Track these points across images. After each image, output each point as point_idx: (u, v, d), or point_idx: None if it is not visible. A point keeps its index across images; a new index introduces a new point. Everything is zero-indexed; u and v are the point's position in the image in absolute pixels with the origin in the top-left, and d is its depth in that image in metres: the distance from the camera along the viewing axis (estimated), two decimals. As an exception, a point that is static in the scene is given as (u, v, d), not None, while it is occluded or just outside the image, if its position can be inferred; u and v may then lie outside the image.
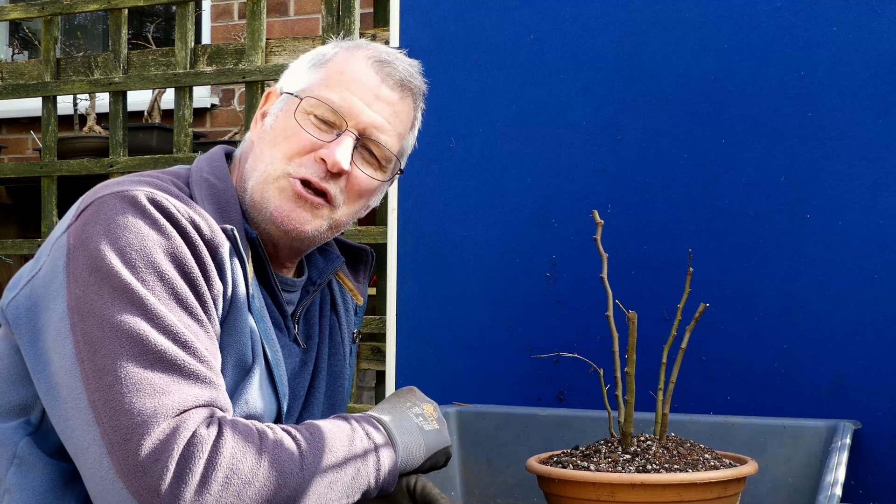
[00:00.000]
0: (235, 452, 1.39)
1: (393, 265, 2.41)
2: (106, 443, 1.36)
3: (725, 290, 2.13)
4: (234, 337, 1.54)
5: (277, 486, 1.40)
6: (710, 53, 2.17)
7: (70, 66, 4.18)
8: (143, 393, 1.37)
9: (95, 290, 1.42)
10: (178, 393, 1.39)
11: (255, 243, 1.62)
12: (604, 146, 2.24)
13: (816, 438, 1.95)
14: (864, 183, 2.07)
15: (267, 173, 1.64)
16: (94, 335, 1.40)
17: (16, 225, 5.13)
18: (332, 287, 1.83)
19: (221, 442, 1.38)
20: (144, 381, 1.38)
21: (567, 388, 2.24)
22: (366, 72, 1.68)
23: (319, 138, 1.64)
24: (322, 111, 1.65)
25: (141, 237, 1.45)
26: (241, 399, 1.53)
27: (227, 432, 1.39)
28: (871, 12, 2.07)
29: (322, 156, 1.63)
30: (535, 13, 2.30)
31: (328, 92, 1.66)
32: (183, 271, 1.47)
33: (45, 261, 1.51)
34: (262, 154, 1.66)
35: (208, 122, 5.47)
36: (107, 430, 1.36)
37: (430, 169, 2.37)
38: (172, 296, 1.44)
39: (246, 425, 1.43)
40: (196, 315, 1.46)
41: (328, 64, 1.70)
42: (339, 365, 1.81)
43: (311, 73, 1.70)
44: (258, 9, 3.74)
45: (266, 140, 1.67)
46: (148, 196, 1.49)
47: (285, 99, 1.69)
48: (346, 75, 1.68)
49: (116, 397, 1.37)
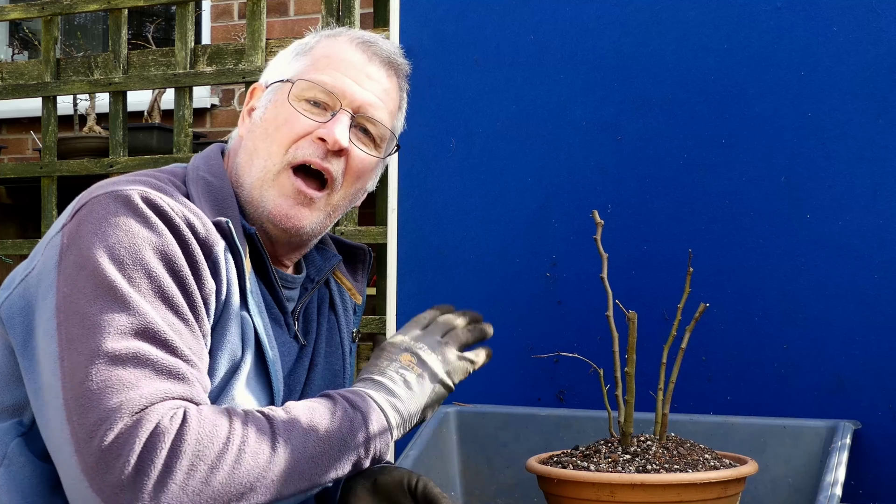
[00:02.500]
0: (201, 438, 1.37)
1: (393, 265, 2.41)
2: (74, 441, 1.35)
3: (725, 290, 2.13)
4: (228, 334, 1.53)
5: (249, 468, 1.39)
6: (710, 53, 2.17)
7: (70, 66, 4.18)
8: (112, 389, 1.36)
9: (81, 289, 1.42)
10: (146, 387, 1.37)
11: (254, 239, 1.62)
12: (604, 146, 2.24)
13: (816, 438, 1.95)
14: (864, 183, 2.07)
15: (266, 169, 1.64)
16: (75, 333, 1.40)
17: (16, 225, 5.13)
18: (330, 286, 1.83)
19: (185, 429, 1.36)
20: (115, 377, 1.37)
21: (567, 388, 2.24)
22: (352, 52, 1.69)
23: (315, 119, 1.64)
24: (314, 93, 1.65)
25: (131, 235, 1.45)
26: (232, 395, 1.52)
27: (191, 420, 1.38)
28: (871, 12, 2.07)
29: (320, 135, 1.63)
30: (535, 13, 2.30)
31: (318, 74, 1.67)
32: (172, 269, 1.46)
33: (38, 260, 1.51)
34: (255, 148, 1.66)
35: (208, 123, 5.46)
36: (76, 428, 1.36)
37: (430, 169, 2.37)
38: (158, 293, 1.44)
39: (214, 412, 1.42)
40: (181, 314, 1.45)
41: (312, 51, 1.71)
42: (337, 364, 1.81)
43: (296, 61, 1.71)
44: (258, 9, 3.74)
45: (257, 133, 1.67)
46: (142, 195, 1.49)
47: (274, 88, 1.69)
48: (333, 58, 1.68)
49: (86, 394, 1.36)
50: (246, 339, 1.56)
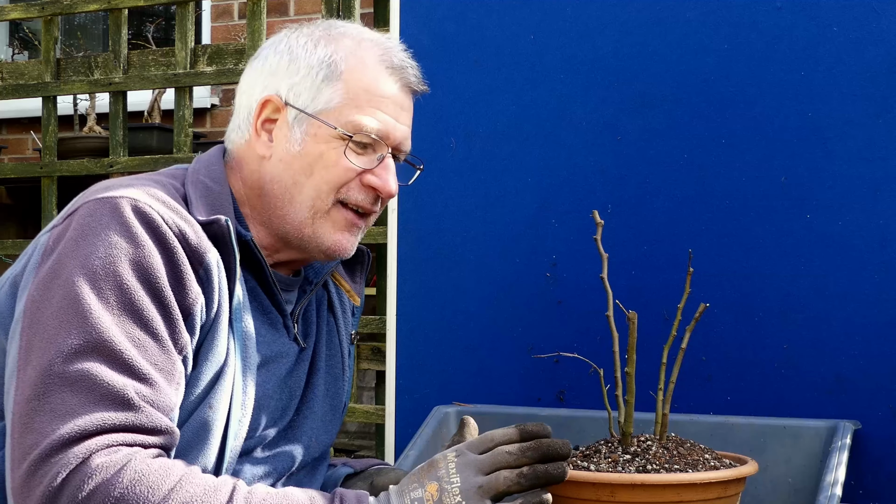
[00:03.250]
0: (133, 488, 1.30)
1: (393, 265, 2.41)
2: (10, 459, 1.34)
3: (725, 290, 2.13)
4: (218, 342, 1.51)
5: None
6: (710, 53, 2.17)
7: (70, 66, 4.18)
8: (53, 413, 1.33)
9: (48, 297, 1.40)
10: (87, 416, 1.33)
11: (251, 245, 1.61)
12: (604, 146, 2.24)
13: (816, 438, 1.95)
14: (864, 183, 2.07)
15: (316, 208, 1.62)
16: (34, 343, 1.38)
17: (16, 225, 5.13)
18: (328, 288, 1.83)
19: (119, 476, 1.31)
20: (59, 399, 1.34)
21: (567, 388, 2.24)
22: (386, 82, 1.65)
23: (364, 166, 1.63)
24: (361, 138, 1.63)
25: (108, 245, 1.43)
26: (210, 402, 1.50)
27: (129, 467, 1.32)
28: (871, 12, 2.07)
29: (373, 185, 1.63)
30: (535, 13, 2.30)
31: (360, 115, 1.62)
32: (147, 281, 1.43)
33: (26, 260, 1.51)
34: (298, 183, 1.62)
35: (208, 123, 5.47)
36: (14, 446, 1.34)
37: (430, 169, 2.36)
38: (127, 307, 1.41)
39: (161, 464, 1.35)
40: (151, 328, 1.42)
41: (342, 76, 1.64)
42: (337, 366, 1.80)
43: (326, 88, 1.63)
44: (258, 9, 3.74)
45: (296, 167, 1.62)
46: (132, 203, 1.46)
47: (307, 121, 1.63)
48: (371, 93, 1.64)
49: (29, 413, 1.34)
50: (231, 345, 1.55)
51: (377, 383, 4.08)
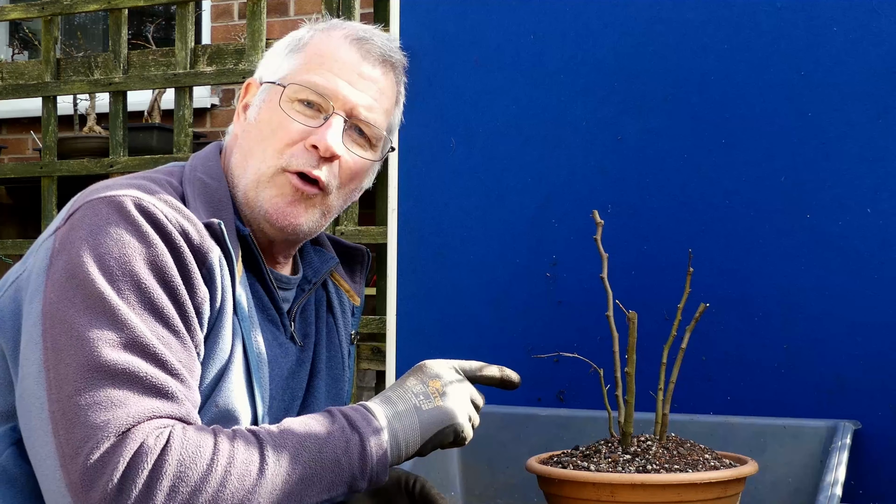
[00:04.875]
0: (184, 459, 1.35)
1: (393, 265, 2.41)
2: (59, 455, 1.34)
3: (725, 290, 2.13)
4: (221, 340, 1.52)
5: (234, 490, 1.36)
6: (710, 53, 2.17)
7: (70, 66, 4.18)
8: (100, 406, 1.34)
9: (69, 297, 1.40)
10: (134, 405, 1.35)
11: (248, 241, 1.61)
12: (604, 146, 2.24)
13: (816, 438, 1.95)
14: (864, 183, 2.07)
15: (260, 171, 1.62)
16: (62, 343, 1.38)
17: (16, 225, 5.14)
18: (327, 288, 1.82)
19: (168, 451, 1.34)
20: (103, 393, 1.35)
21: (567, 388, 2.24)
22: (345, 50, 1.66)
23: (308, 124, 1.63)
24: (306, 95, 1.63)
25: (121, 245, 1.43)
26: (217, 401, 1.51)
27: (174, 441, 1.35)
28: (871, 12, 2.07)
29: (313, 142, 1.61)
30: (535, 13, 2.30)
31: (310, 75, 1.64)
32: (163, 280, 1.44)
33: (30, 262, 1.50)
34: (250, 150, 1.65)
35: (208, 123, 5.47)
36: (61, 442, 1.34)
37: (430, 169, 2.37)
38: (148, 306, 1.42)
39: (200, 432, 1.39)
40: (172, 325, 1.43)
41: (306, 48, 1.68)
42: (337, 367, 1.80)
43: (289, 58, 1.68)
44: (258, 9, 3.74)
45: (252, 134, 1.66)
46: (136, 202, 1.47)
47: (266, 88, 1.67)
48: (325, 56, 1.66)
49: (73, 409, 1.35)
50: (235, 343, 1.55)
51: (377, 383, 4.08)
